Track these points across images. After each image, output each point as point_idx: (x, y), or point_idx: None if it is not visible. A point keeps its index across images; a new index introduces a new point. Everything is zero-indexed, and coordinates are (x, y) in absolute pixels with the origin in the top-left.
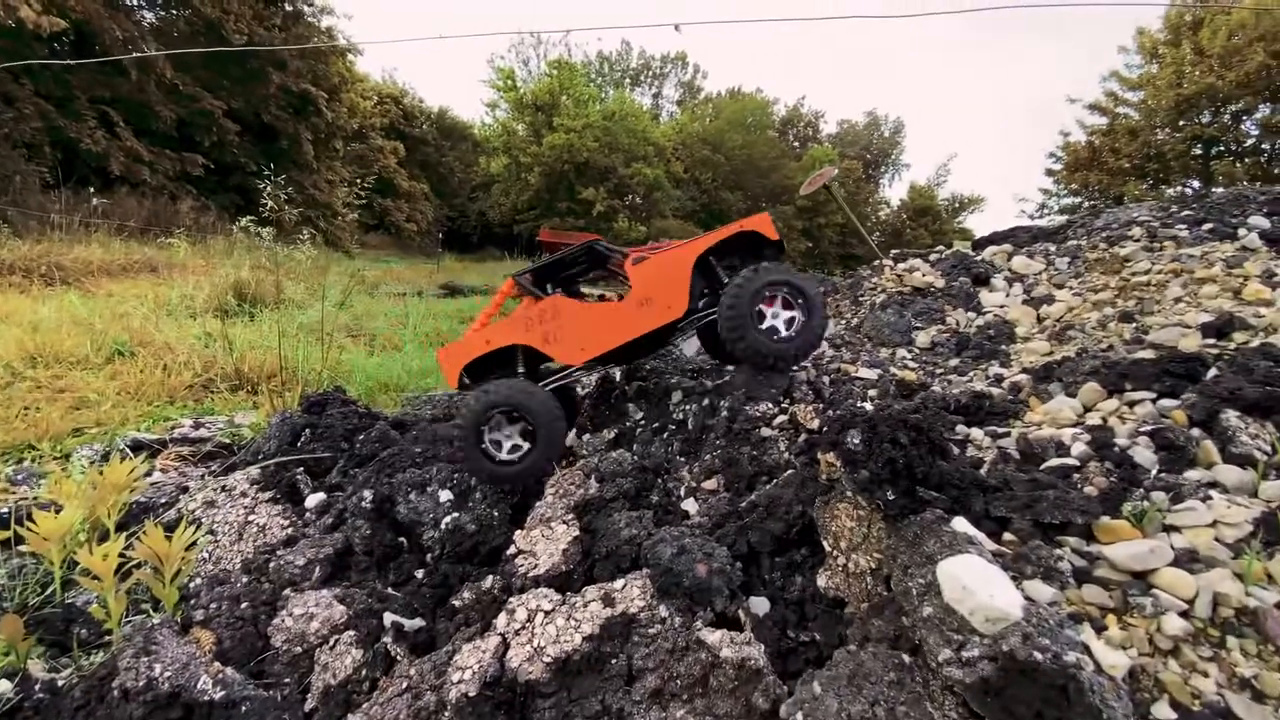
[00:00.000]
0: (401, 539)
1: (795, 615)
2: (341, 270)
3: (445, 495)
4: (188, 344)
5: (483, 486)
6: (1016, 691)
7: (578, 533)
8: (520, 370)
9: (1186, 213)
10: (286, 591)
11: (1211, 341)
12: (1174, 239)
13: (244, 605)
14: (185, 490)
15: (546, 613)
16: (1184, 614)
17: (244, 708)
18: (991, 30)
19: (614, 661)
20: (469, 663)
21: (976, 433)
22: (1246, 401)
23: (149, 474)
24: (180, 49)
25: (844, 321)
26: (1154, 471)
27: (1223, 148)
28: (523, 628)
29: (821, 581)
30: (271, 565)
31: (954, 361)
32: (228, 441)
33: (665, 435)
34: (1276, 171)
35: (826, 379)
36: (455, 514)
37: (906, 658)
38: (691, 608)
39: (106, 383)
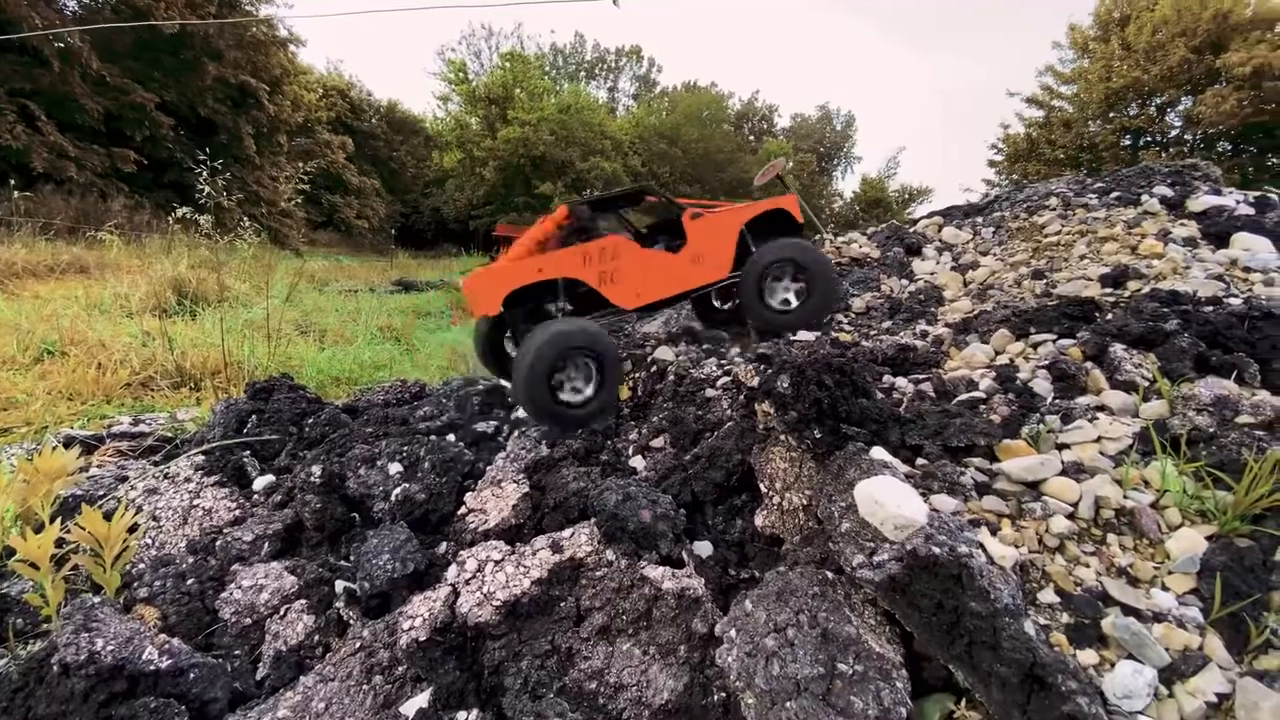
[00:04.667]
0: (353, 514)
1: (736, 555)
2: (289, 268)
3: (395, 468)
4: (124, 342)
5: (431, 457)
6: (919, 585)
7: (527, 490)
8: (562, 303)
9: (1099, 185)
10: (235, 566)
11: (1109, 290)
12: (1085, 206)
13: (190, 582)
14: (124, 480)
15: (496, 562)
16: (1070, 515)
17: (192, 674)
18: (938, 20)
19: (563, 604)
20: (419, 611)
21: (901, 381)
22: (1132, 336)
23: (85, 470)
24: (107, 35)
25: None
26: (1049, 399)
27: (1149, 138)
28: (473, 577)
29: (759, 521)
30: (218, 543)
31: (886, 324)
32: (170, 436)
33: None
34: (1199, 159)
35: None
36: (405, 485)
37: (830, 574)
38: (638, 551)
39: (35, 383)
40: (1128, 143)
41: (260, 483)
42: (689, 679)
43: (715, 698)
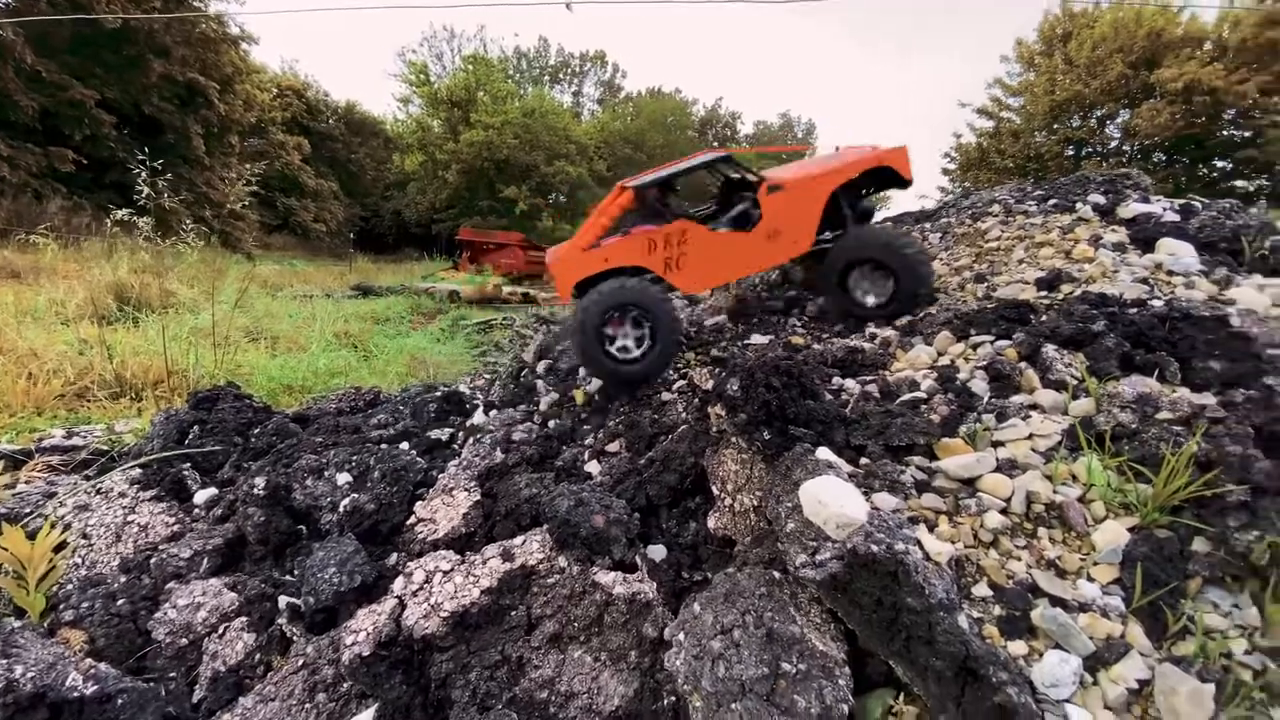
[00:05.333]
0: (300, 526)
1: (689, 558)
2: (241, 273)
3: (343, 478)
4: (58, 351)
5: (380, 466)
6: (859, 583)
7: (479, 497)
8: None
9: (1039, 192)
10: (171, 585)
11: (1045, 293)
12: (1025, 213)
13: (121, 602)
14: (53, 496)
15: (445, 572)
16: (1003, 511)
17: (120, 700)
18: (897, 27)
19: (514, 612)
20: (363, 625)
21: (849, 382)
22: (1063, 337)
23: (11, 486)
24: (43, 29)
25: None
26: (986, 398)
27: (1091, 149)
28: (420, 588)
29: (712, 523)
30: (153, 561)
31: (839, 327)
32: (106, 449)
33: (571, 405)
34: (1135, 169)
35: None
36: (354, 495)
37: (777, 574)
38: (590, 557)
39: None
40: (1071, 153)
41: (201, 496)
42: (639, 684)
43: (665, 702)
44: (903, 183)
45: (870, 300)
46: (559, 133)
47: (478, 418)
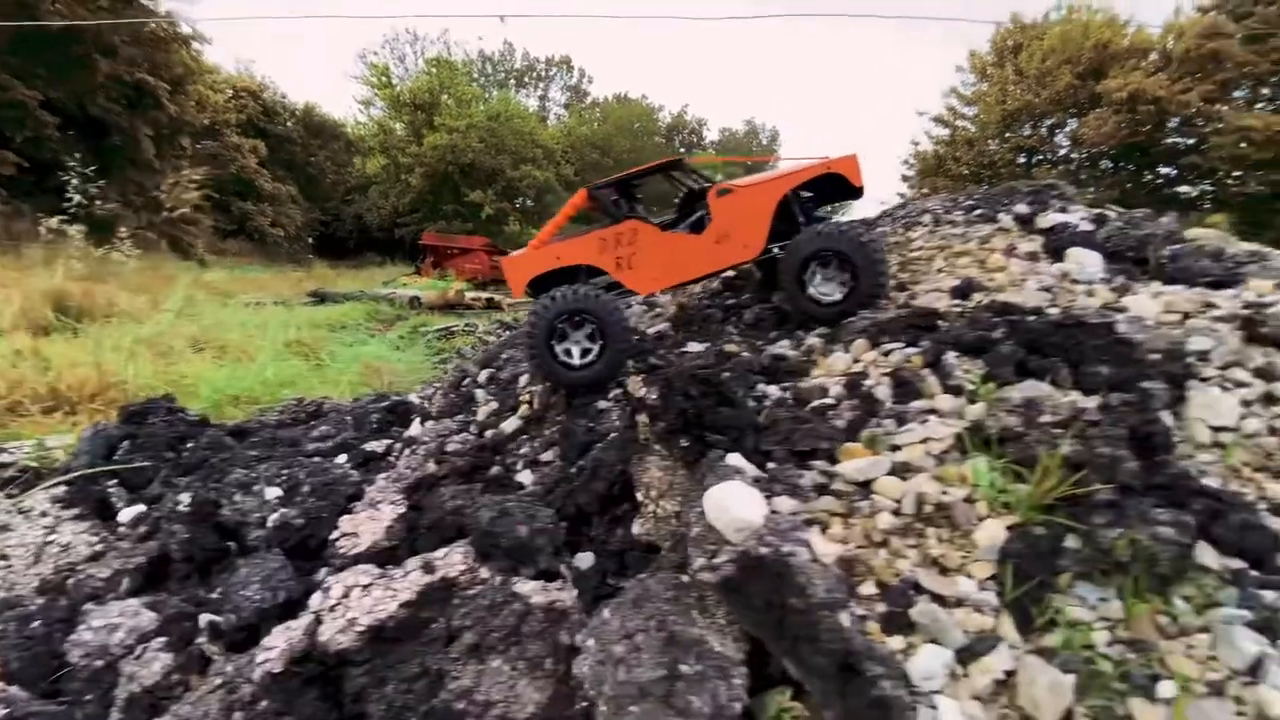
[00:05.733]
0: (229, 542)
1: (615, 564)
2: (192, 280)
3: (273, 492)
4: None
5: (311, 480)
6: (751, 585)
7: (404, 510)
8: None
9: (969, 203)
10: (88, 606)
11: (958, 302)
12: (951, 223)
13: (36, 624)
14: None
15: (364, 586)
16: (895, 512)
17: None
18: (857, 31)
19: (434, 625)
20: (276, 642)
21: (772, 388)
22: (964, 345)
23: None
24: None
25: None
26: (889, 404)
27: (1041, 156)
28: (338, 603)
29: (636, 529)
30: (71, 582)
31: (774, 333)
32: (34, 465)
33: (509, 415)
34: (1083, 177)
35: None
36: (283, 510)
37: (685, 578)
38: (515, 567)
39: None
40: (1023, 161)
41: (127, 514)
42: (553, 691)
43: (577, 707)
44: (854, 191)
45: (827, 296)
46: (525, 137)
47: (414, 429)
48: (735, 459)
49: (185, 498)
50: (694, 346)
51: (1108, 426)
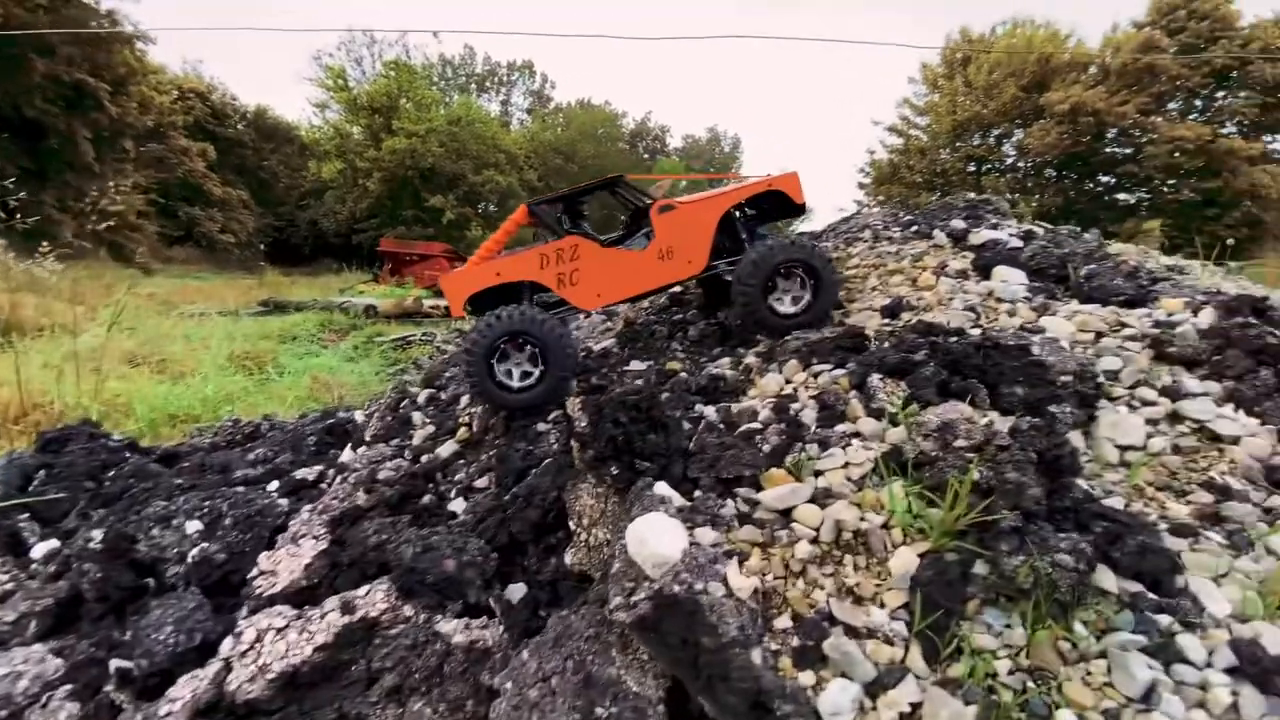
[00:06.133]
0: (146, 580)
1: (548, 595)
2: (133, 289)
3: (193, 526)
4: None
5: (233, 512)
6: (666, 623)
7: (327, 545)
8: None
9: (908, 218)
10: None
11: (888, 321)
12: (889, 239)
13: None
14: None
15: (279, 630)
16: (813, 540)
17: None
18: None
19: (354, 667)
20: (181, 694)
21: (709, 410)
22: (889, 367)
23: None
24: None
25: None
26: (814, 427)
27: (990, 165)
28: (249, 649)
29: (569, 559)
30: None
31: (718, 350)
32: None
33: (447, 439)
34: (1030, 185)
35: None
36: (204, 545)
37: (608, 613)
38: (441, 603)
39: None
40: (972, 169)
41: (40, 550)
42: None
43: None
44: (796, 208)
45: (786, 309)
46: (487, 141)
47: (346, 455)
48: (662, 488)
49: (96, 534)
50: (636, 365)
51: (1016, 451)
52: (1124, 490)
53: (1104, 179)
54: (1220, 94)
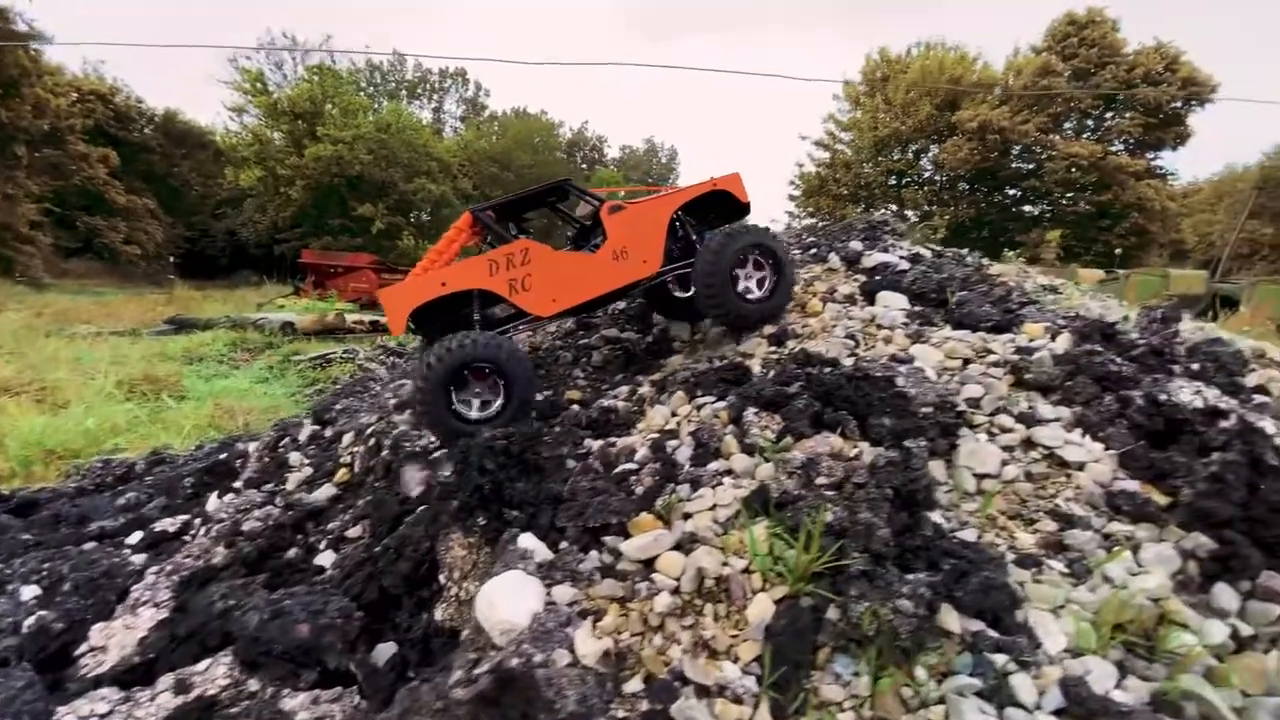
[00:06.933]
0: None
1: (419, 654)
2: (29, 305)
3: (29, 592)
4: None
5: (76, 575)
6: (506, 698)
7: (168, 614)
8: (476, 316)
9: (810, 239)
10: None
11: (774, 349)
12: (791, 262)
13: None
14: None
15: (102, 716)
16: (675, 590)
17: None
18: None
19: None
20: None
21: (598, 444)
22: (764, 400)
23: None
24: None
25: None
26: (687, 466)
27: (909, 179)
28: None
29: (439, 614)
30: None
31: (619, 377)
32: None
33: (325, 482)
34: (946, 197)
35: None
36: (41, 613)
37: (447, 689)
38: (295, 672)
39: None
40: (894, 182)
41: None
42: None
43: None
44: (741, 209)
45: (754, 294)
46: (418, 149)
47: (211, 503)
48: (527, 540)
49: None
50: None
51: (872, 489)
52: (978, 520)
53: (1011, 192)
54: (1109, 115)
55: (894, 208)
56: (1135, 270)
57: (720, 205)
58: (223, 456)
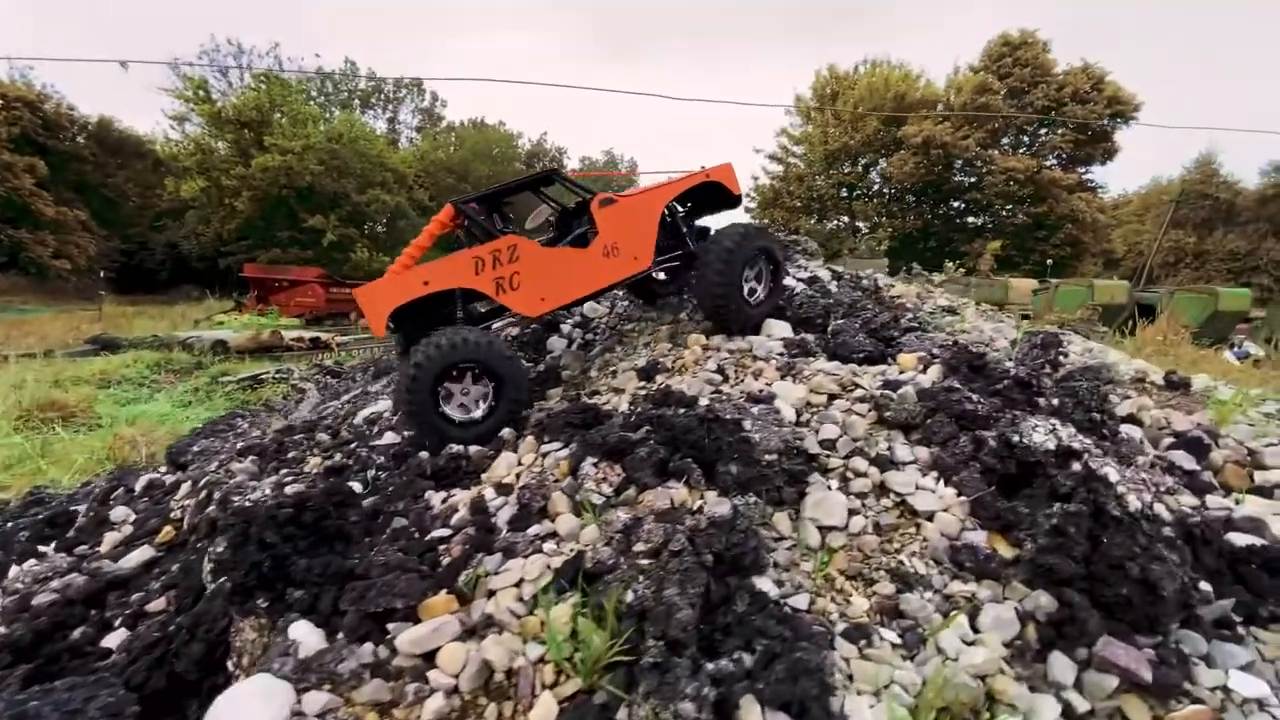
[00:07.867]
0: None
1: None
2: None
3: None
4: None
5: None
6: None
7: None
8: (459, 314)
9: None
10: None
11: (643, 384)
12: None
13: None
14: None
15: None
16: (453, 690)
17: None
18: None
19: None
20: None
21: (438, 497)
22: (608, 448)
23: None
24: None
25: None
26: (504, 531)
27: (859, 191)
28: None
29: None
30: None
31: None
32: None
33: (144, 542)
34: (894, 209)
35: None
36: None
37: None
38: None
39: None
40: (844, 194)
41: None
42: None
43: None
44: (732, 198)
45: (756, 296)
46: (372, 159)
47: (12, 570)
48: (299, 629)
49: None
50: (390, 437)
51: (688, 556)
52: (813, 584)
53: (955, 204)
54: (1043, 131)
55: (846, 219)
56: (1063, 280)
57: (710, 195)
58: (43, 513)
